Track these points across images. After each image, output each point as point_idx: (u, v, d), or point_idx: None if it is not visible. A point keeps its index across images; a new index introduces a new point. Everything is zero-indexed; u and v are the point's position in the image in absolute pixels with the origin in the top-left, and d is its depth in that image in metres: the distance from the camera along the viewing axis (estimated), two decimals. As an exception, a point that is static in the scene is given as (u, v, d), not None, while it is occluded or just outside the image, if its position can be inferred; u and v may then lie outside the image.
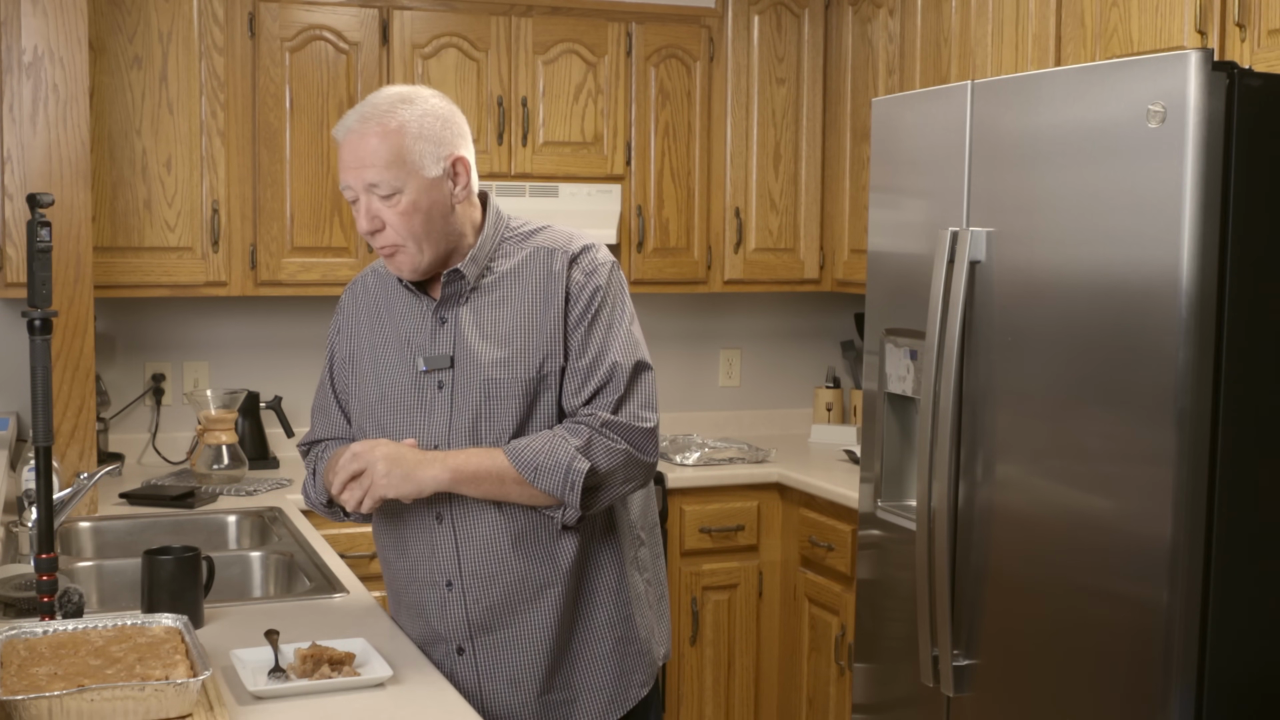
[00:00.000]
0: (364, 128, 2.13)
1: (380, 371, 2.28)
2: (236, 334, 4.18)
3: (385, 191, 2.12)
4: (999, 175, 2.67)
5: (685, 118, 4.24)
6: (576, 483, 2.11)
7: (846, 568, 3.69)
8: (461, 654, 2.23)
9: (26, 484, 2.99)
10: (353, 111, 2.18)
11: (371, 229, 2.15)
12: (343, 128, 2.17)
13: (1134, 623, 2.37)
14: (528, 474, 2.11)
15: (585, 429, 2.14)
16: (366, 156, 2.12)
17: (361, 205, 2.15)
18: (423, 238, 2.15)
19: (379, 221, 2.14)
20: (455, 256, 2.21)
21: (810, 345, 4.82)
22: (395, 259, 2.18)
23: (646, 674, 2.30)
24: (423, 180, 2.14)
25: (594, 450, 2.13)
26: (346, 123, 2.17)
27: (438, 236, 2.17)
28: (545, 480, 2.11)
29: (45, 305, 2.18)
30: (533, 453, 2.12)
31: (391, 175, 2.11)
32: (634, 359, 2.19)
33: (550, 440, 2.13)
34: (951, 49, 3.67)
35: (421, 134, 2.13)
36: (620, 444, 2.15)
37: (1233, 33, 2.77)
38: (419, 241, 2.15)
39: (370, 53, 3.90)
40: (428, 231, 2.15)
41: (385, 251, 2.18)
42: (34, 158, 3.34)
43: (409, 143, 2.12)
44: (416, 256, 2.17)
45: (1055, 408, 2.53)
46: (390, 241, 2.15)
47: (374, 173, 2.12)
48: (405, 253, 2.17)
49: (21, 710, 1.73)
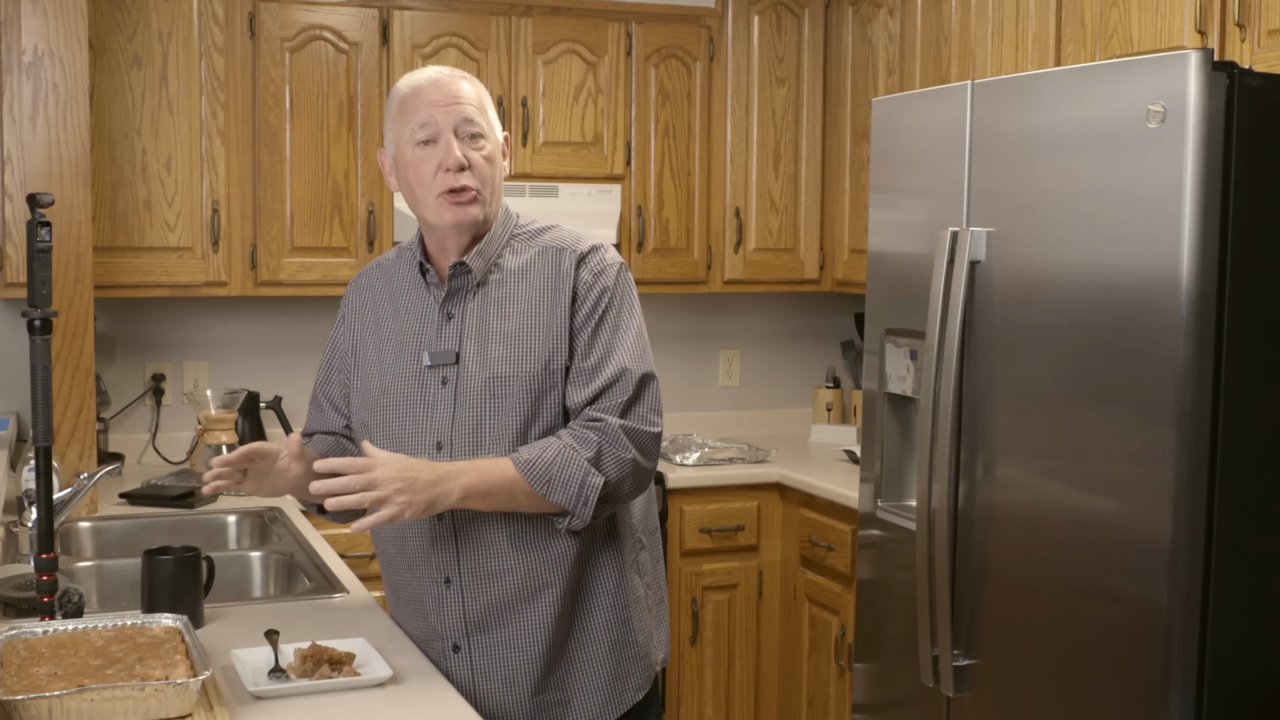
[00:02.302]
0: (454, 75, 2.21)
1: (384, 366, 2.28)
2: (236, 334, 4.18)
3: (476, 131, 2.17)
4: (999, 175, 2.67)
5: (685, 118, 4.24)
6: (591, 497, 2.11)
7: (846, 568, 3.69)
8: (457, 651, 2.23)
9: (26, 484, 2.99)
10: (423, 71, 2.24)
11: (462, 164, 2.15)
12: (420, 77, 2.22)
13: (1134, 622, 2.37)
14: (540, 488, 2.10)
15: (595, 438, 2.13)
16: (462, 95, 2.19)
17: (445, 142, 2.16)
18: (490, 192, 2.20)
19: (465, 160, 2.16)
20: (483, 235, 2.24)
21: (810, 345, 4.82)
22: (469, 205, 2.17)
23: (643, 678, 2.30)
24: (496, 140, 2.22)
25: (605, 462, 2.12)
26: (425, 74, 2.22)
27: (496, 200, 2.23)
28: (559, 494, 2.11)
29: (45, 305, 2.18)
30: (544, 465, 2.10)
31: (483, 119, 2.19)
32: (643, 366, 2.20)
33: (561, 452, 2.11)
34: (951, 49, 3.67)
35: (489, 104, 2.24)
36: (630, 453, 2.14)
37: (1233, 33, 2.77)
38: (490, 192, 2.20)
39: (370, 53, 3.90)
40: (495, 187, 2.21)
41: (463, 196, 2.16)
42: (34, 158, 3.34)
43: (487, 102, 2.23)
44: (485, 206, 2.20)
45: (1055, 408, 2.53)
46: (472, 183, 2.17)
47: (471, 109, 2.17)
48: (480, 199, 2.18)
49: (21, 710, 1.73)
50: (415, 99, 2.18)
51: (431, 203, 2.18)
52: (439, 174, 2.16)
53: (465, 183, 2.16)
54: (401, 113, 2.20)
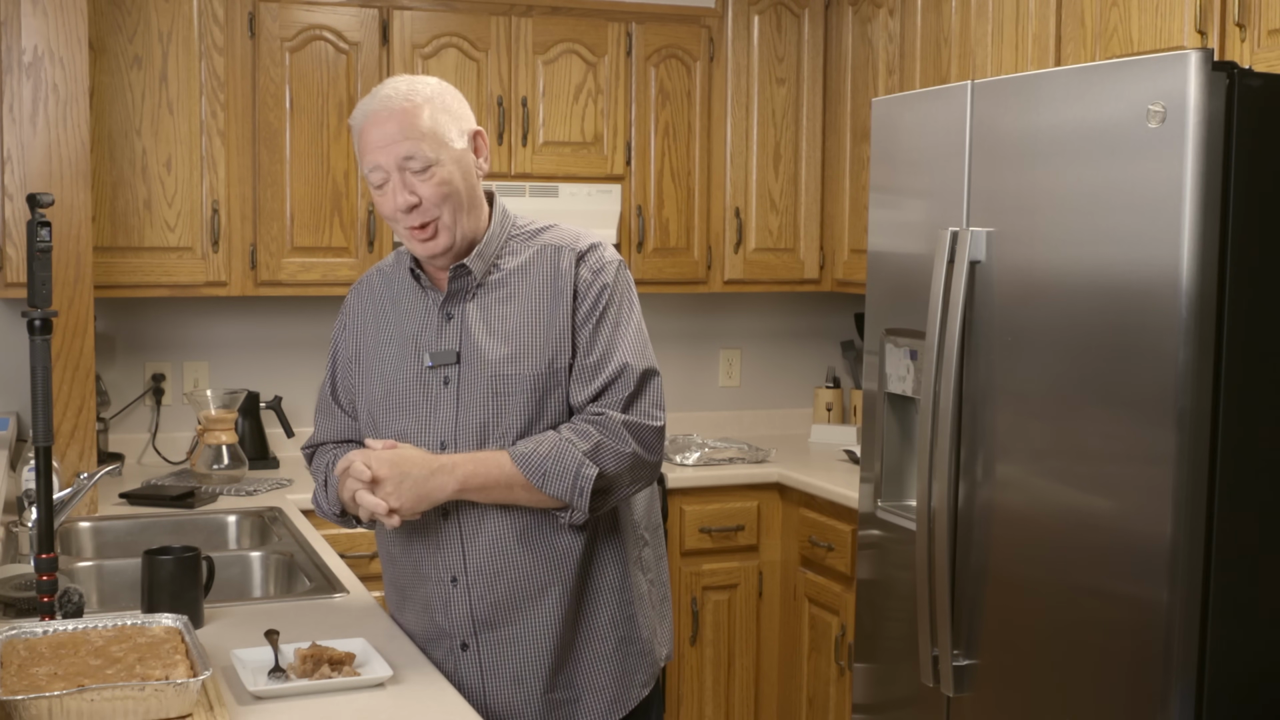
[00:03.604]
0: (390, 107, 2.14)
1: (386, 368, 2.28)
2: (236, 334, 4.18)
3: (420, 165, 2.13)
4: (999, 175, 2.67)
5: (685, 118, 4.24)
6: (585, 488, 2.11)
7: (846, 568, 3.69)
8: (465, 650, 2.24)
9: (26, 484, 2.99)
10: (366, 101, 2.19)
11: (409, 205, 2.14)
12: (362, 114, 2.17)
13: (1134, 622, 2.37)
14: (536, 480, 2.11)
15: (594, 432, 2.14)
16: (397, 132, 2.13)
17: (393, 184, 2.14)
18: (457, 211, 2.17)
19: (415, 198, 2.14)
20: (475, 241, 2.23)
21: (810, 345, 4.82)
22: (433, 239, 2.17)
23: (648, 674, 2.31)
24: (453, 151, 2.17)
25: (602, 454, 2.13)
26: (366, 108, 2.17)
27: (468, 211, 2.19)
28: (554, 486, 2.11)
29: (45, 305, 2.18)
30: (540, 458, 2.12)
31: (426, 147, 2.13)
32: (644, 362, 2.20)
33: (557, 444, 2.13)
34: (951, 49, 3.67)
35: (444, 108, 2.17)
36: (629, 446, 2.15)
37: (1233, 33, 2.77)
38: (454, 214, 2.17)
39: (370, 53, 3.90)
40: (460, 205, 2.17)
41: (422, 233, 2.16)
42: (34, 158, 3.33)
43: (436, 115, 2.15)
44: (452, 231, 2.17)
45: (1055, 408, 2.53)
46: (429, 217, 2.15)
47: (408, 145, 2.12)
48: (442, 228, 2.16)
49: (21, 710, 1.73)
50: (362, 141, 2.17)
51: (403, 235, 2.21)
52: (397, 214, 2.16)
53: (419, 220, 2.15)
54: (359, 154, 2.20)
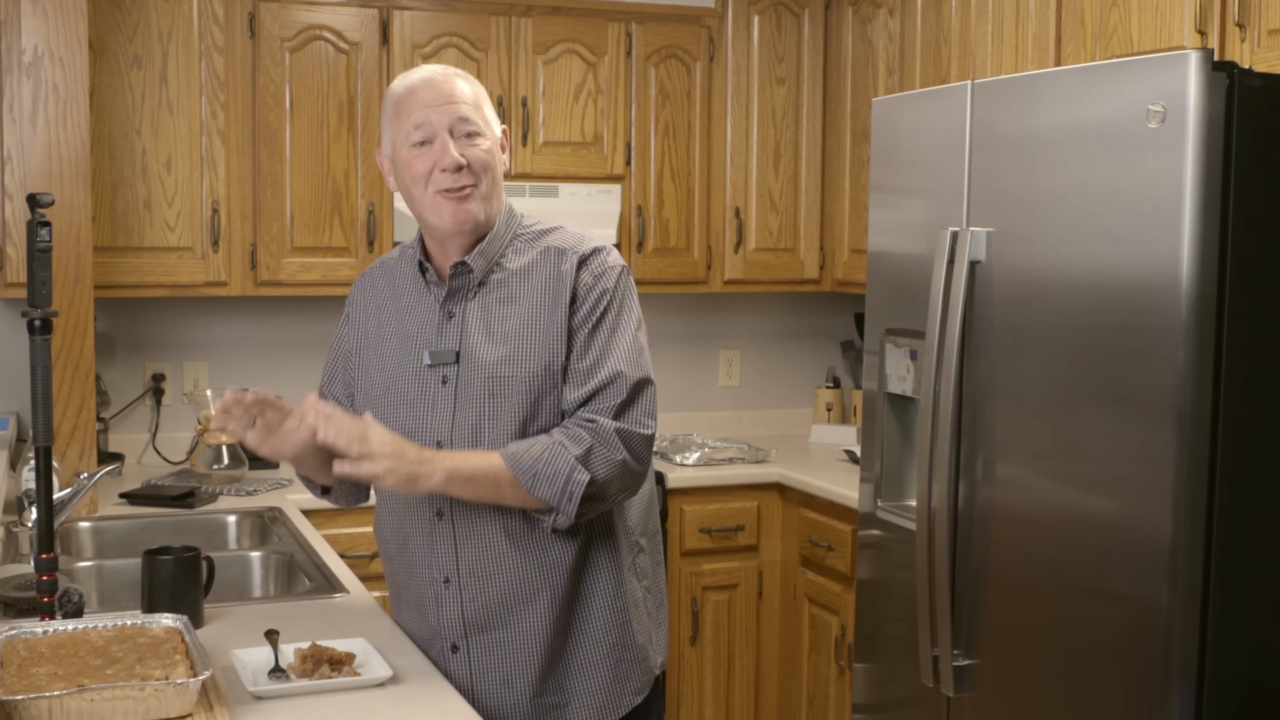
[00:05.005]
0: (447, 73, 2.21)
1: (386, 364, 2.28)
2: (236, 334, 4.18)
3: (471, 129, 2.18)
4: (999, 175, 2.67)
5: (685, 118, 4.24)
6: (575, 494, 2.10)
7: (846, 568, 3.69)
8: (456, 652, 2.23)
9: (26, 484, 2.99)
10: (417, 71, 2.24)
11: (457, 164, 2.15)
12: (414, 77, 2.22)
13: (1134, 623, 2.37)
14: (525, 481, 2.10)
15: (586, 437, 2.12)
16: (457, 94, 2.18)
17: (440, 143, 2.16)
18: (490, 188, 2.20)
19: (463, 159, 2.16)
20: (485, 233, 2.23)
21: (810, 345, 4.82)
22: (467, 202, 2.17)
23: (642, 681, 2.29)
24: (494, 136, 2.22)
25: (594, 460, 2.12)
26: (419, 74, 2.22)
27: (496, 195, 2.22)
28: (543, 489, 2.10)
29: (45, 305, 2.18)
30: (531, 459, 2.10)
31: (479, 116, 2.19)
32: (639, 372, 2.19)
33: (550, 448, 2.11)
34: (951, 49, 3.67)
35: (486, 99, 2.25)
36: (620, 454, 2.14)
37: (1233, 33, 2.77)
38: (489, 189, 2.20)
39: (370, 53, 3.90)
40: (495, 182, 2.21)
41: (462, 194, 2.17)
42: (34, 158, 3.34)
43: (481, 97, 2.23)
44: (484, 204, 2.19)
45: (1055, 408, 2.53)
46: (470, 181, 2.17)
47: (467, 108, 2.17)
48: (478, 195, 2.18)
49: (21, 710, 1.73)
50: (410, 100, 2.18)
51: (430, 202, 2.18)
52: (435, 173, 2.16)
53: (463, 181, 2.16)
54: (397, 114, 2.20)
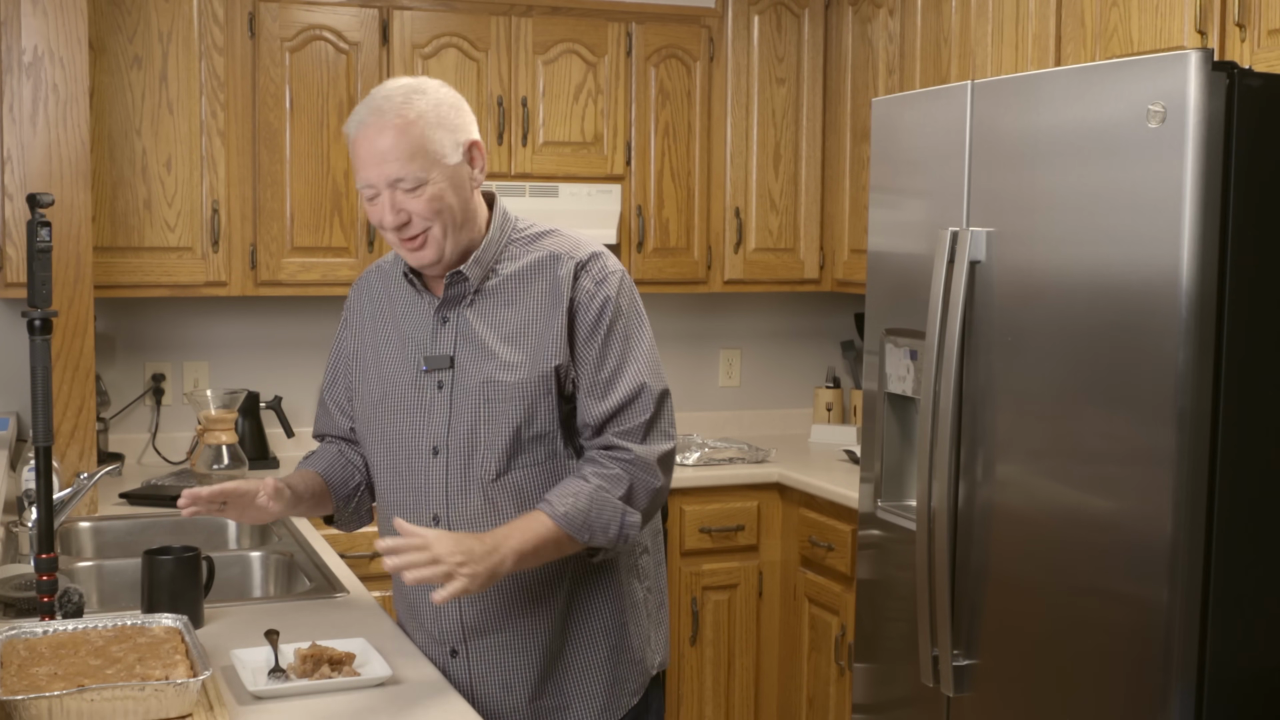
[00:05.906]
0: (381, 121, 2.09)
1: (383, 369, 2.27)
2: (236, 334, 4.18)
3: (410, 185, 2.09)
4: (999, 175, 2.67)
5: (685, 118, 4.24)
6: (630, 535, 2.15)
7: (846, 568, 3.69)
8: (455, 656, 2.23)
9: (26, 484, 2.99)
10: (363, 106, 2.14)
11: (398, 223, 2.11)
12: (355, 123, 2.13)
13: (1134, 622, 2.37)
14: (583, 538, 2.12)
15: (623, 475, 2.13)
16: (388, 151, 2.08)
17: (384, 201, 2.10)
18: (448, 226, 2.13)
19: (405, 214, 2.11)
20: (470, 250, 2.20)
21: (810, 345, 4.82)
22: (423, 250, 2.15)
23: (638, 683, 2.29)
24: (446, 168, 2.11)
25: (636, 497, 2.15)
26: (359, 117, 2.12)
27: (461, 223, 2.15)
28: (599, 539, 2.14)
29: (45, 305, 2.18)
30: (582, 515, 2.10)
31: (416, 167, 2.08)
32: (661, 383, 2.20)
33: (594, 497, 2.11)
34: (951, 49, 3.67)
35: (440, 122, 2.11)
36: (658, 480, 2.17)
37: (1233, 33, 2.77)
38: (445, 228, 2.13)
39: (370, 53, 3.90)
40: (452, 220, 2.13)
41: (413, 244, 2.14)
42: (34, 158, 3.34)
43: (429, 132, 2.10)
44: (442, 244, 2.14)
45: (1055, 408, 2.53)
46: (419, 230, 2.12)
47: (398, 167, 2.08)
48: (431, 240, 2.13)
49: (21, 710, 1.73)
50: (354, 152, 2.14)
51: (394, 244, 2.18)
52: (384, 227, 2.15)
53: (409, 234, 2.13)
54: (351, 159, 2.18)
